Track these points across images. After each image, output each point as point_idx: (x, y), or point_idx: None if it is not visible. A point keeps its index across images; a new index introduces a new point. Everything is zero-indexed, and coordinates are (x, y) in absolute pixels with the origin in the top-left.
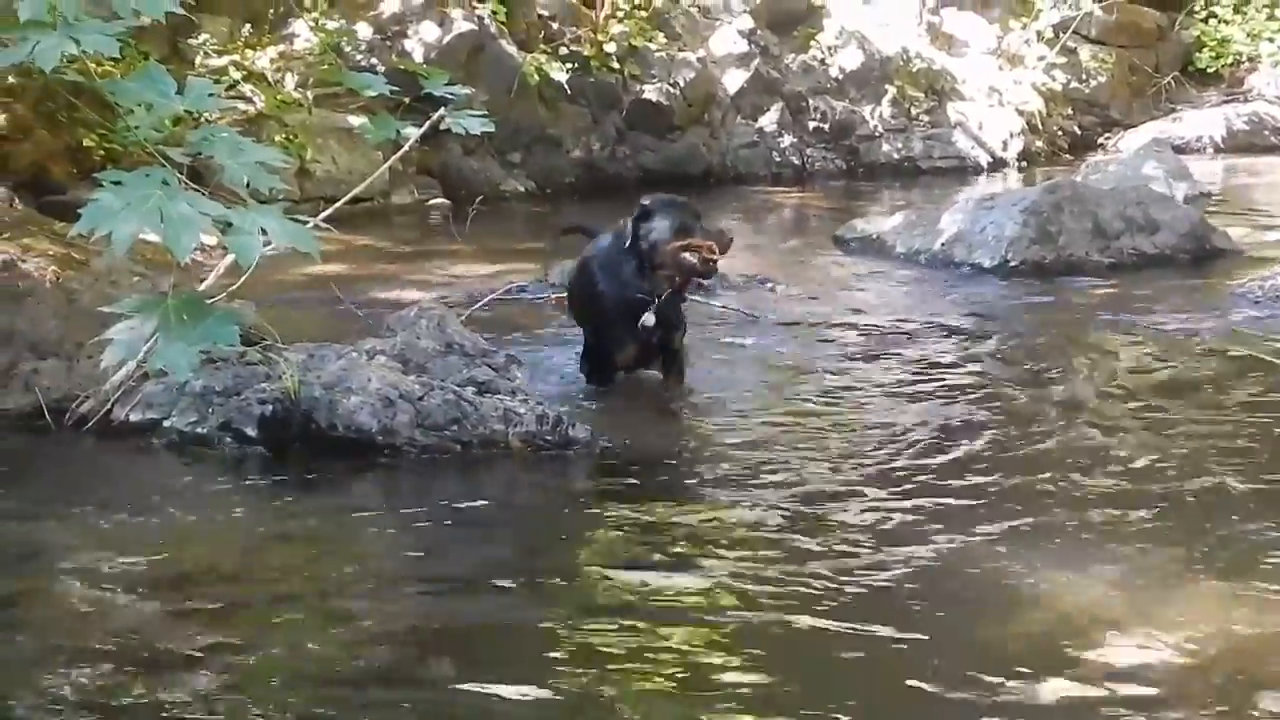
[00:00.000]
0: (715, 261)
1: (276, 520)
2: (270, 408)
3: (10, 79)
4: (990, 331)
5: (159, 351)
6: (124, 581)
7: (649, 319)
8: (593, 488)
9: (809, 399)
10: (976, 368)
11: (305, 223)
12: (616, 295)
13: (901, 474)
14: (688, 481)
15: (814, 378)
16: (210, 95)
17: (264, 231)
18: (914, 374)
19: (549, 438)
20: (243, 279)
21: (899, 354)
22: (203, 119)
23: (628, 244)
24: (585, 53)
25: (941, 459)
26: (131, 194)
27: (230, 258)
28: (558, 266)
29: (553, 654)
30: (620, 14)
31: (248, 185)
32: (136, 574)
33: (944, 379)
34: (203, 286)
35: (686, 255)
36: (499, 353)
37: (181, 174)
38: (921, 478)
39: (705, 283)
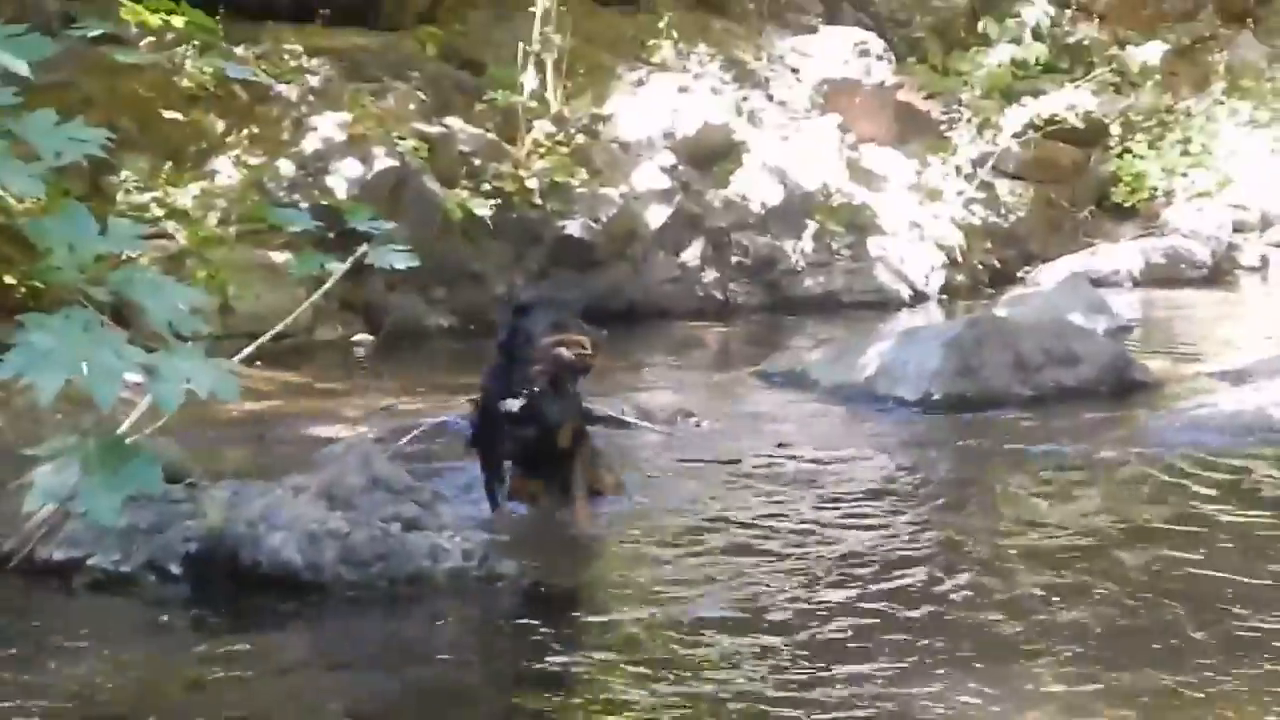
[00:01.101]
0: (589, 356)
1: (201, 662)
2: (195, 545)
3: None
4: (912, 464)
5: (82, 496)
6: None
7: (510, 404)
8: (520, 623)
9: (732, 532)
10: (896, 500)
11: (230, 367)
12: (491, 391)
13: (820, 605)
14: (614, 615)
15: (737, 511)
16: (133, 236)
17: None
18: (835, 507)
19: (476, 573)
20: (164, 419)
21: (821, 487)
22: (124, 258)
23: (500, 340)
24: (508, 189)
25: (860, 590)
26: (54, 339)
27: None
28: None
29: None
30: (542, 150)
31: (169, 326)
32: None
33: (864, 512)
34: (124, 427)
35: (561, 350)
36: (425, 488)
37: (104, 315)
38: (840, 608)
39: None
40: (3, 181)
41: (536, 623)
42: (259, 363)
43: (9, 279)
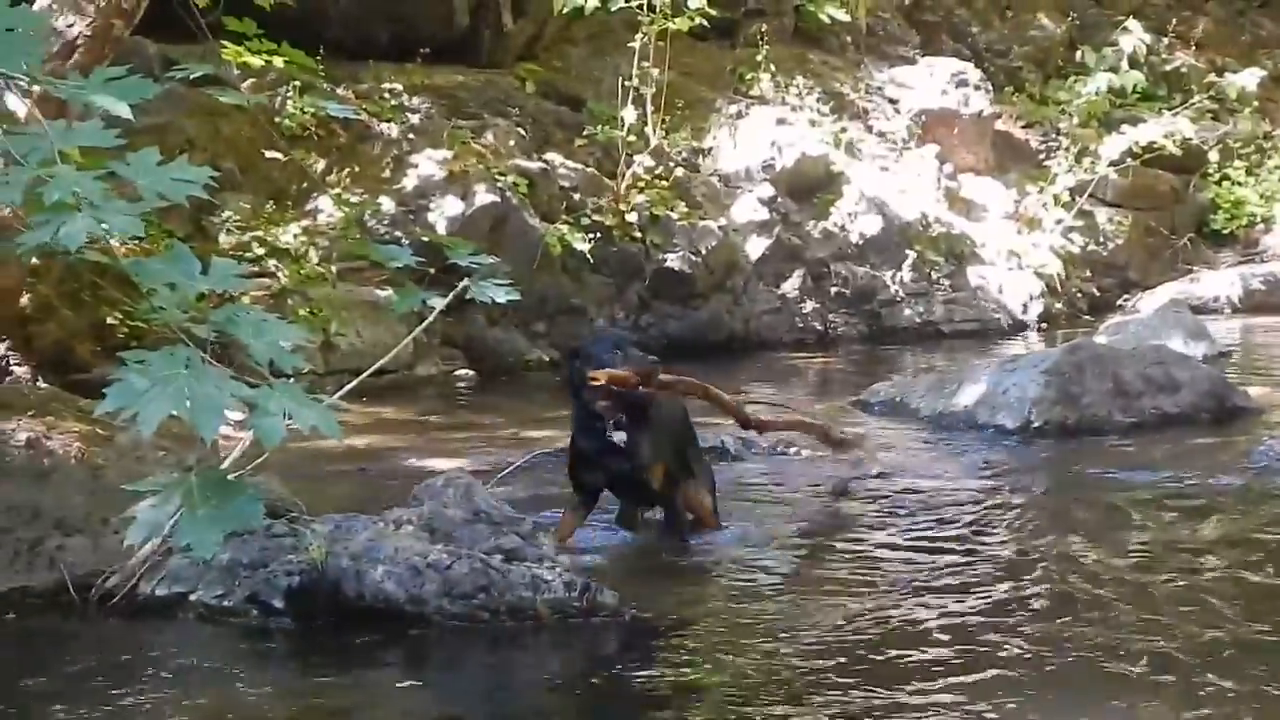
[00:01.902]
0: (637, 387)
1: (304, 695)
2: (297, 579)
3: (34, 260)
4: (1014, 492)
5: (182, 530)
6: None
7: (583, 439)
8: (621, 655)
9: (833, 561)
10: (999, 528)
11: (331, 403)
12: (575, 428)
13: (924, 629)
14: (716, 647)
15: (837, 540)
16: (235, 276)
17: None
18: (936, 535)
19: (577, 604)
20: (266, 455)
21: (922, 516)
22: (226, 296)
23: (567, 382)
24: (607, 222)
25: (967, 618)
26: (157, 374)
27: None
28: None
29: None
30: (641, 184)
31: (270, 364)
32: None
33: (968, 540)
34: (226, 463)
35: (592, 384)
36: (526, 520)
37: (206, 352)
38: (947, 635)
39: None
40: (104, 222)
41: (637, 655)
42: (364, 398)
43: (111, 320)
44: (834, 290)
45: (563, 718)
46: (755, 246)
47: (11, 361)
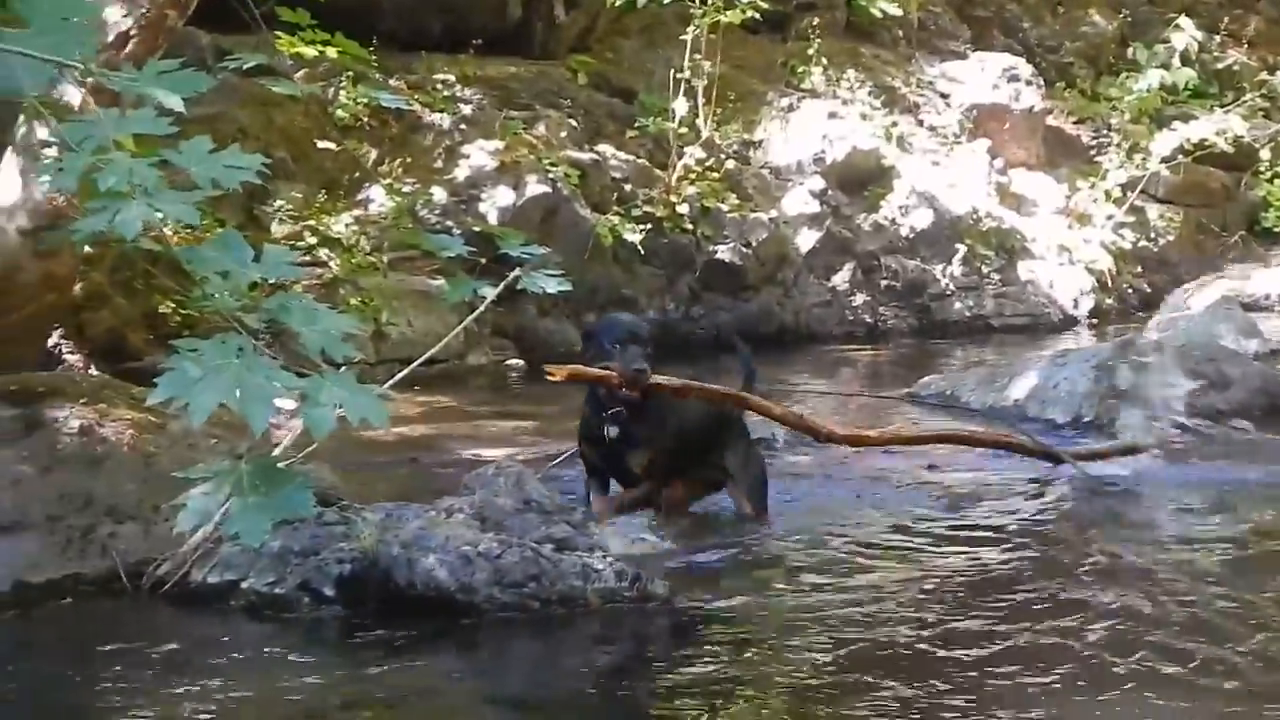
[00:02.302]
0: (620, 389)
1: (354, 683)
2: (348, 567)
3: (87, 248)
4: (1066, 486)
5: (233, 519)
6: None
7: (590, 424)
8: (672, 645)
9: (882, 553)
10: (1052, 522)
11: (381, 392)
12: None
13: (974, 624)
14: (767, 638)
15: (888, 533)
16: (287, 264)
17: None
18: (989, 529)
19: (628, 593)
20: (317, 443)
21: (973, 509)
22: (278, 285)
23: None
24: (658, 214)
25: (1020, 612)
26: (208, 363)
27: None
28: None
29: None
30: (692, 175)
31: (322, 353)
32: None
33: (1020, 533)
34: (277, 451)
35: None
36: (577, 510)
37: (257, 341)
38: (1002, 629)
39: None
40: (159, 209)
41: (687, 645)
42: (415, 387)
43: (164, 308)
44: (884, 283)
45: (613, 707)
46: (806, 239)
47: (64, 349)
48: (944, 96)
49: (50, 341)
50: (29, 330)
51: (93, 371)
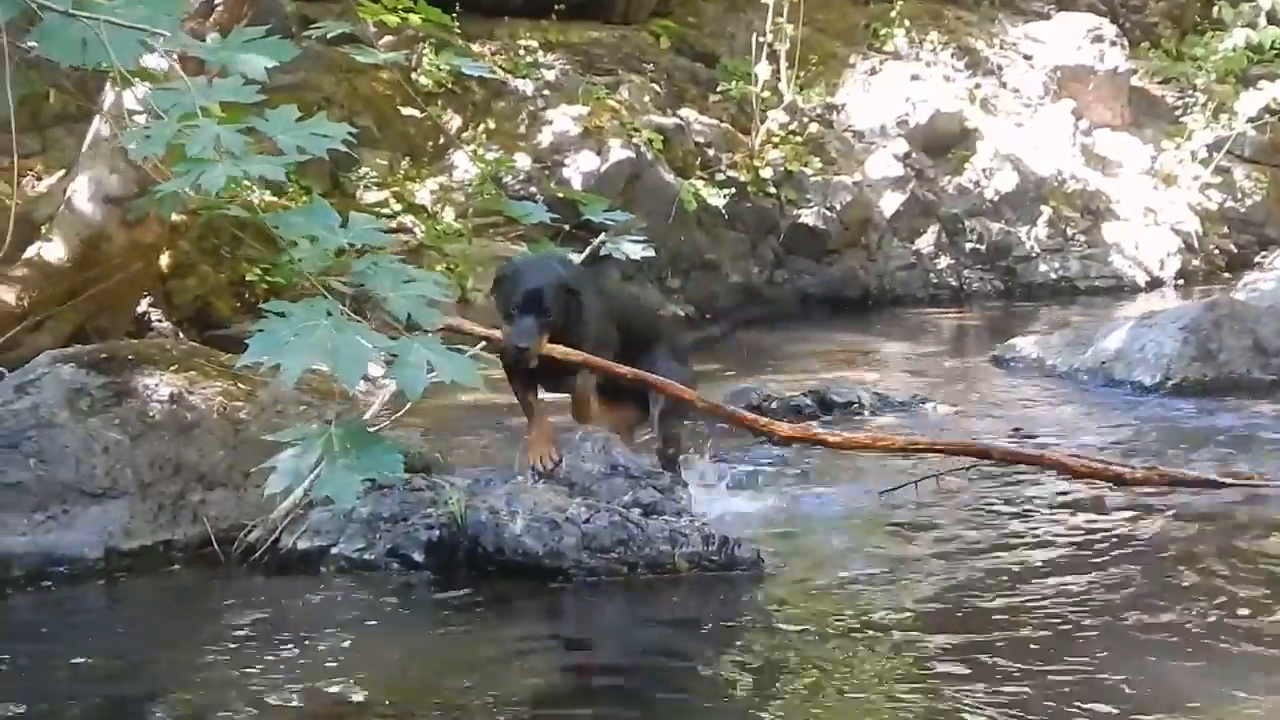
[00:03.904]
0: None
1: (444, 647)
2: (437, 533)
3: (175, 216)
4: (1154, 450)
5: (323, 480)
6: (292, 712)
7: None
8: (758, 610)
9: (969, 521)
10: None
11: (465, 353)
12: None
13: (1077, 593)
14: (849, 604)
15: (975, 496)
16: (374, 230)
17: (428, 364)
18: (1076, 493)
19: (715, 558)
20: (406, 408)
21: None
22: (365, 251)
23: None
24: (742, 178)
25: (1110, 577)
26: (298, 325)
27: (392, 387)
28: (726, 387)
29: None
30: (775, 139)
31: (408, 318)
32: (305, 704)
33: (1107, 497)
34: (367, 415)
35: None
36: (664, 474)
37: (345, 306)
38: (1085, 598)
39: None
40: (248, 172)
41: (773, 610)
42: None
43: (251, 276)
44: (969, 246)
45: (700, 671)
46: (889, 202)
47: (153, 317)
48: (1027, 58)
49: (139, 309)
50: (118, 298)
51: (181, 339)
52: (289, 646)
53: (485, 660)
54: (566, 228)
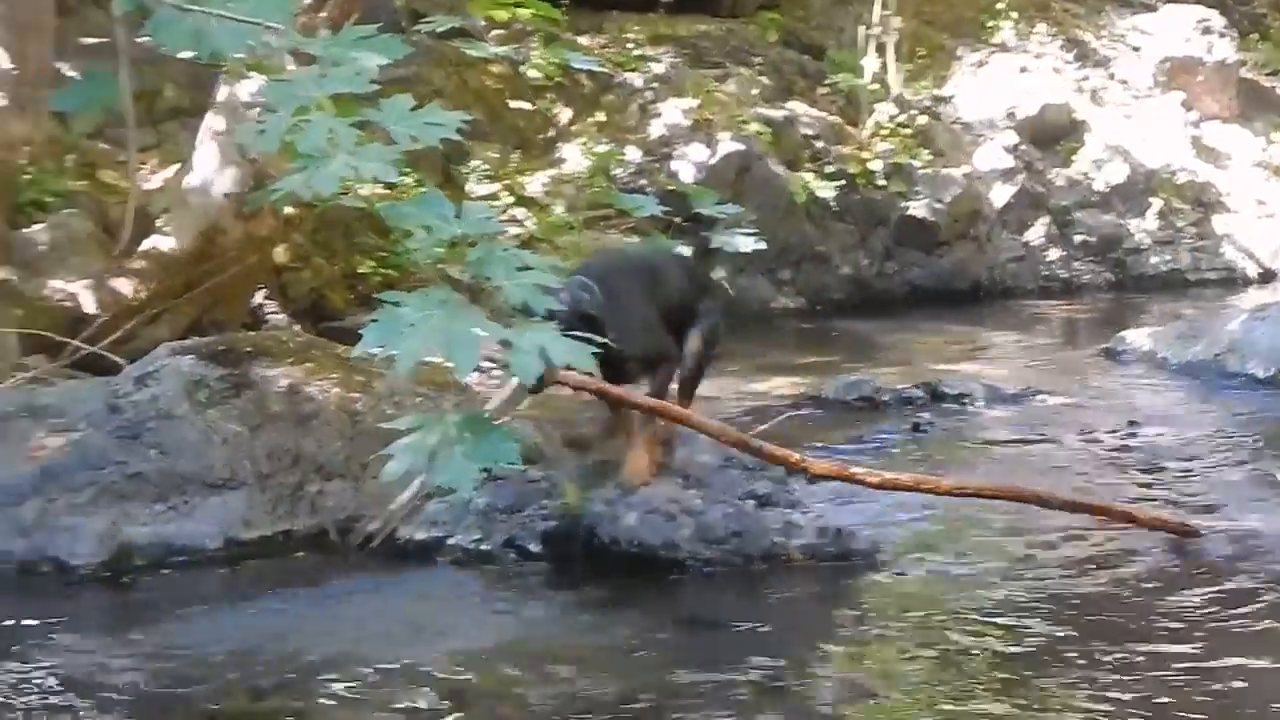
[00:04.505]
0: None
1: (561, 637)
2: (553, 524)
3: (288, 209)
4: (1270, 443)
5: (440, 467)
6: (405, 700)
7: None
8: (874, 601)
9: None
10: (1257, 479)
11: (589, 340)
12: None
13: (1213, 591)
14: (970, 593)
15: (1093, 489)
16: (487, 219)
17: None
18: (1198, 485)
19: (829, 549)
20: (525, 402)
21: (1180, 465)
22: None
23: None
24: (851, 170)
25: (1240, 570)
26: (413, 314)
27: (514, 383)
28: (837, 379)
29: None
30: (884, 132)
31: (524, 306)
32: (419, 693)
33: (1233, 489)
34: (488, 406)
35: None
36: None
37: (460, 294)
38: (1225, 588)
39: None
40: (360, 167)
41: (890, 601)
42: None
43: (364, 268)
44: (1079, 238)
45: (818, 662)
46: (999, 194)
47: (267, 310)
48: (1135, 49)
49: (254, 302)
50: (234, 291)
51: (297, 331)
52: (406, 639)
53: (603, 651)
54: (676, 220)
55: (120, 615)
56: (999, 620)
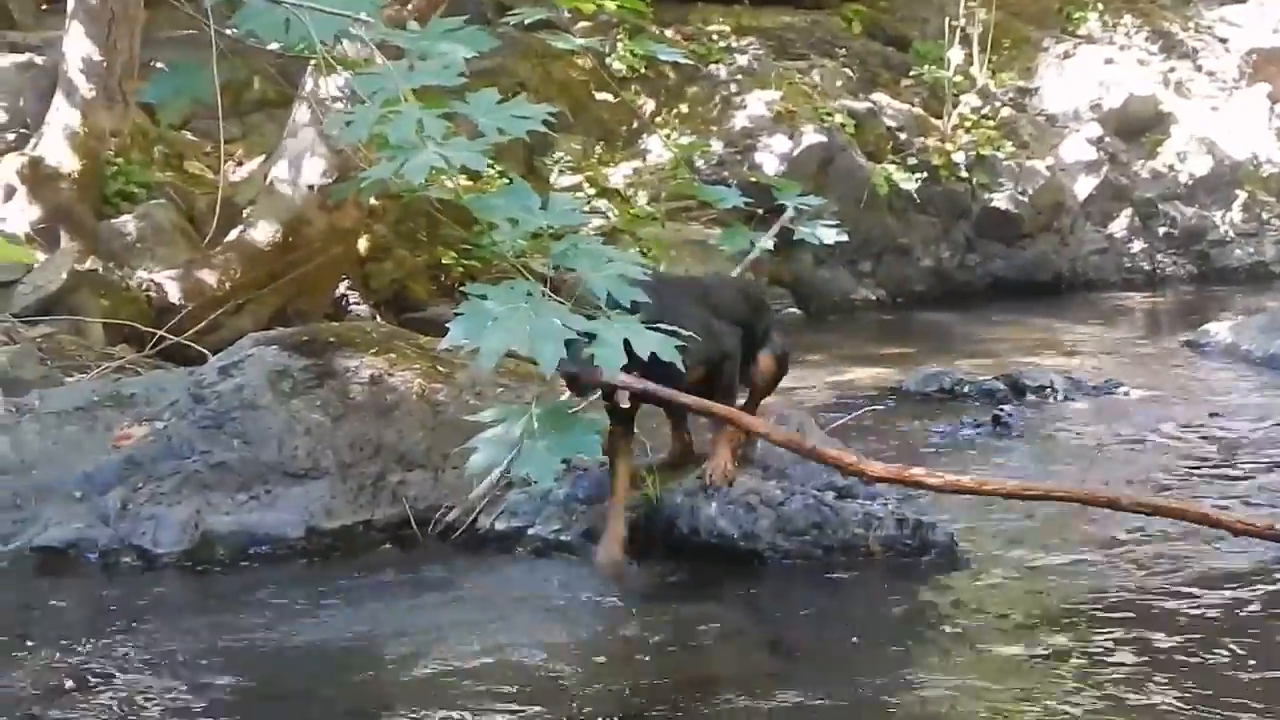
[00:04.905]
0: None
1: (641, 627)
2: (632, 514)
3: (372, 201)
4: None
5: (522, 458)
6: (489, 682)
7: None
8: (952, 593)
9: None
10: None
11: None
12: None
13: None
14: (1048, 589)
15: (1178, 482)
16: (572, 210)
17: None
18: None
19: (909, 542)
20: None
21: (1264, 459)
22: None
23: None
24: (934, 162)
25: None
26: (498, 307)
27: None
28: (918, 371)
29: None
30: (968, 123)
31: (607, 298)
32: (511, 683)
33: None
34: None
35: None
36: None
37: (545, 287)
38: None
39: None
40: (450, 157)
41: (967, 594)
42: None
43: (447, 259)
44: (1162, 230)
45: (896, 656)
46: (1083, 186)
47: (350, 300)
48: (1222, 41)
49: (337, 293)
50: (317, 282)
51: (379, 321)
52: (487, 628)
53: (682, 641)
54: (760, 211)
55: (203, 604)
56: (1084, 618)
